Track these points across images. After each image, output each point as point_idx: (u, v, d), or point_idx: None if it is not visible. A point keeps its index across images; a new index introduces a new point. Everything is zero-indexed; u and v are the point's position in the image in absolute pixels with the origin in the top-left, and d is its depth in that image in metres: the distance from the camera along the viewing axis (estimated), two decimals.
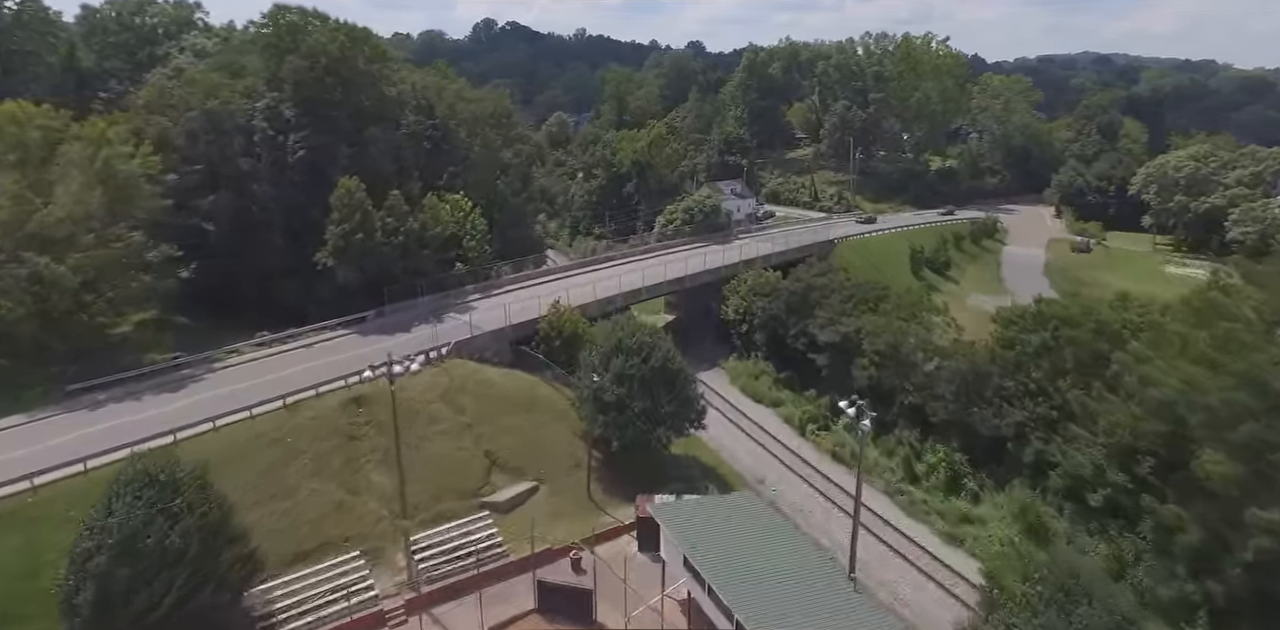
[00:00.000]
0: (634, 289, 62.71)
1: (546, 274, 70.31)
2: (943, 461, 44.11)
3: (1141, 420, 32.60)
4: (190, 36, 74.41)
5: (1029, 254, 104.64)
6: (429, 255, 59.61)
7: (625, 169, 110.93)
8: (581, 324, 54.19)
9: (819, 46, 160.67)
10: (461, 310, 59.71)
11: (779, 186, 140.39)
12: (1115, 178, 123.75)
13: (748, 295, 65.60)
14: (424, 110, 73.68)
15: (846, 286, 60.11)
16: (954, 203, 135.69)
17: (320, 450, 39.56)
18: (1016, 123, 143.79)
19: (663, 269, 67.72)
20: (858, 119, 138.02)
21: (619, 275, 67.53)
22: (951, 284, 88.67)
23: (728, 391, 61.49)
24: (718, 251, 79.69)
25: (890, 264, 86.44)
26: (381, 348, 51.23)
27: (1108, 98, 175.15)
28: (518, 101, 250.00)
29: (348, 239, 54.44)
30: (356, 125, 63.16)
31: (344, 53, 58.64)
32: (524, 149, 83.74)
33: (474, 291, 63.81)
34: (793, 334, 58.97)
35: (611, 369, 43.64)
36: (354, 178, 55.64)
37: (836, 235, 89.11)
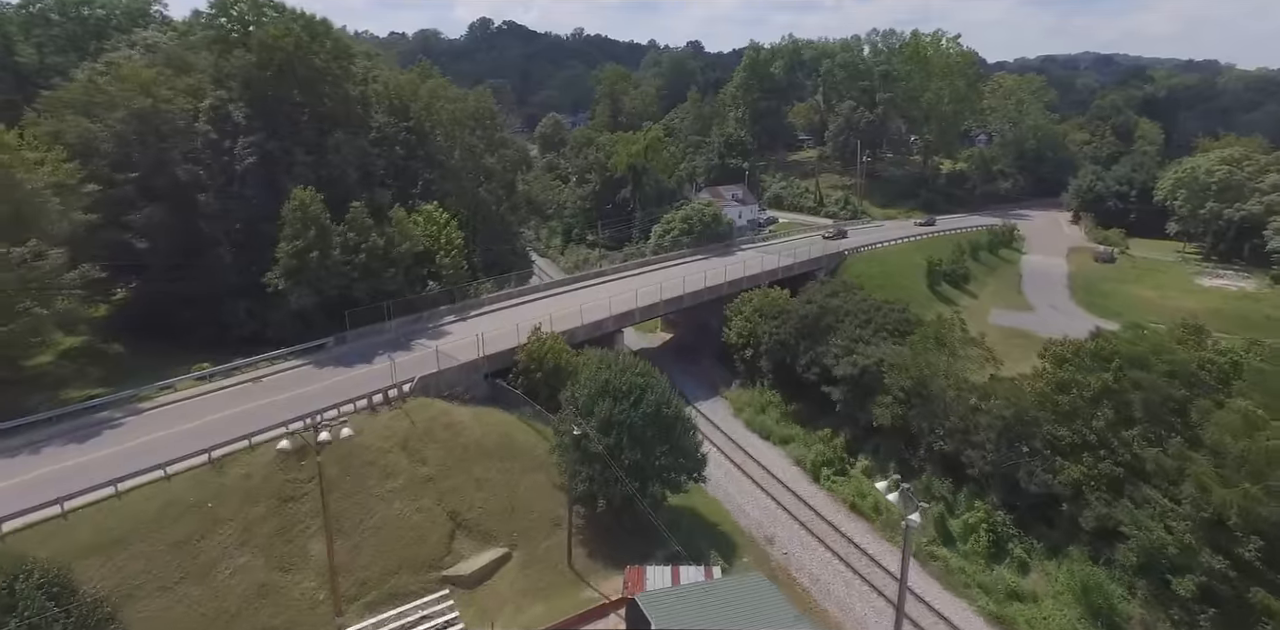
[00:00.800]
0: (626, 311, 56.41)
1: (532, 291, 64.00)
2: (983, 521, 37.79)
3: (1248, 494, 26.29)
4: (146, 30, 67.97)
5: (1049, 264, 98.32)
6: (396, 274, 53.31)
7: (620, 173, 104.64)
8: (565, 354, 47.92)
9: (823, 44, 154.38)
10: (434, 335, 53.49)
11: (782, 191, 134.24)
12: (1136, 182, 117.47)
13: (753, 316, 59.30)
14: (397, 111, 67.42)
15: (864, 308, 53.81)
16: (966, 208, 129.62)
17: (249, 517, 33.25)
18: (1030, 124, 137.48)
19: (659, 286, 61.43)
20: (864, 120, 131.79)
21: (610, 293, 61.25)
22: (969, 298, 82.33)
23: (730, 426, 55.18)
24: (719, 265, 73.35)
25: (905, 276, 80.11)
26: (338, 382, 45.21)
27: (1122, 98, 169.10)
28: (511, 102, 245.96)
29: (301, 258, 48.13)
30: (318, 129, 56.89)
31: (300, 47, 52.28)
32: (509, 154, 77.38)
33: (449, 313, 57.54)
34: (803, 363, 52.66)
35: (597, 414, 37.39)
36: (309, 188, 49.33)
37: (846, 246, 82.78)
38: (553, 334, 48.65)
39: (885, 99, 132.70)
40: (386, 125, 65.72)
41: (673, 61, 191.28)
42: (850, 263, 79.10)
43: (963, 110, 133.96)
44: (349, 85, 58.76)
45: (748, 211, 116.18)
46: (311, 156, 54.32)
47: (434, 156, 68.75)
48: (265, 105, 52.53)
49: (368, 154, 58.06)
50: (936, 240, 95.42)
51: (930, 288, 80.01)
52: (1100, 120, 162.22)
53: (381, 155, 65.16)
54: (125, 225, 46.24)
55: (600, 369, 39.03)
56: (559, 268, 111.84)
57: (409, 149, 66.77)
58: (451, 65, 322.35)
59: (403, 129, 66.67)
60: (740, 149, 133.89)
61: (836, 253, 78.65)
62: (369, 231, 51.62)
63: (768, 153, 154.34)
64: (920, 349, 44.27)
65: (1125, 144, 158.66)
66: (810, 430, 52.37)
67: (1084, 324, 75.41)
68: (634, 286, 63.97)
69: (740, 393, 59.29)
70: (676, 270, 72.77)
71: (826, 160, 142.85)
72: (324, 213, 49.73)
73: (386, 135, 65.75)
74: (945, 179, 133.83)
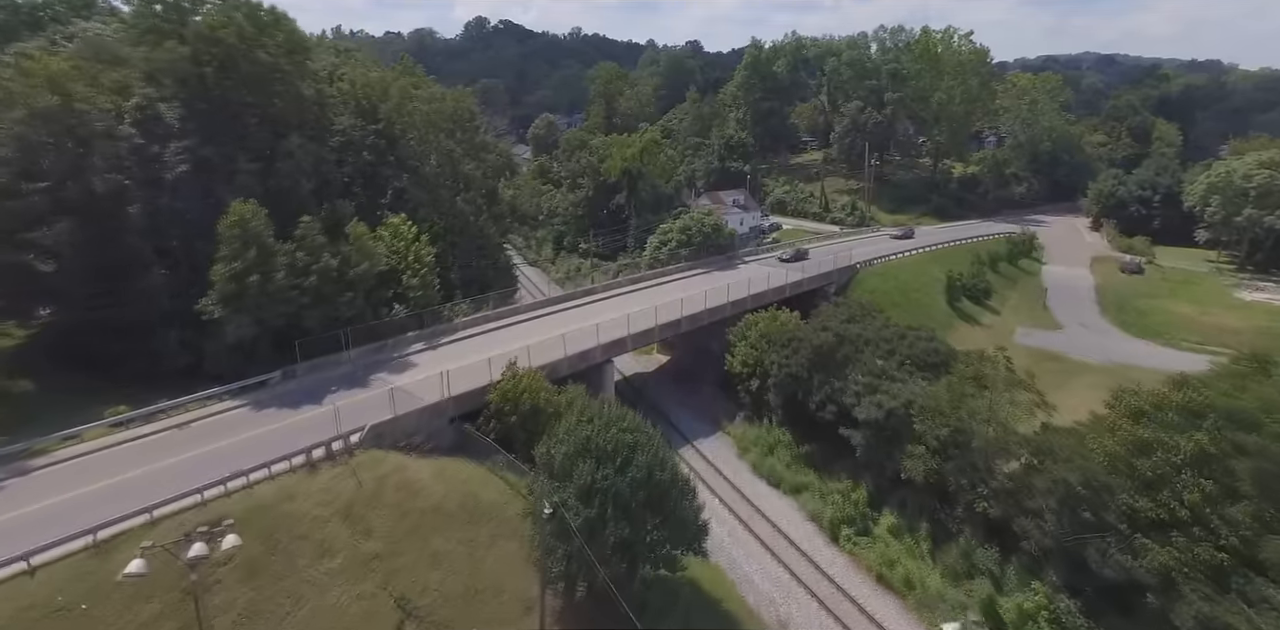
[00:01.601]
0: (616, 339, 49.86)
1: (513, 313, 57.46)
2: (1043, 608, 31.28)
3: None
4: (89, 21, 61.37)
5: (1073, 276, 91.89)
6: (354, 298, 46.77)
7: (614, 178, 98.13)
8: (545, 393, 41.36)
9: (828, 42, 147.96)
10: (397, 367, 46.95)
11: (785, 195, 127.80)
12: (1160, 186, 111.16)
13: (759, 342, 52.81)
14: (365, 113, 60.92)
15: (886, 337, 47.31)
16: (978, 214, 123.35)
17: (136, 621, 26.63)
18: (1045, 126, 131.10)
19: (653, 308, 54.93)
20: (871, 121, 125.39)
21: (600, 315, 54.86)
22: (991, 314, 75.94)
23: (734, 470, 48.64)
24: (720, 281, 66.86)
25: (922, 292, 73.72)
26: (279, 429, 38.58)
27: (1138, 98, 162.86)
28: (505, 102, 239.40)
29: (239, 282, 41.56)
30: (271, 132, 50.41)
31: (244, 39, 45.74)
32: (491, 159, 70.85)
33: (417, 340, 50.99)
34: (818, 400, 46.18)
35: (576, 479, 30.88)
36: (250, 201, 42.77)
37: (859, 257, 76.29)
38: (530, 371, 42.09)
39: (894, 99, 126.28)
40: (352, 128, 59.26)
41: (671, 60, 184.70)
42: (862, 277, 72.62)
43: (975, 110, 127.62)
44: (305, 83, 52.19)
45: (750, 218, 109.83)
46: (258, 164, 47.79)
47: (406, 162, 62.27)
48: (203, 105, 46.04)
49: (325, 161, 51.52)
50: (953, 251, 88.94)
51: (950, 304, 73.65)
52: (1116, 121, 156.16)
53: (348, 161, 58.80)
54: (27, 244, 39.57)
55: (580, 423, 32.50)
56: (549, 278, 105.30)
57: (378, 154, 60.30)
58: (446, 65, 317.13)
59: (370, 132, 60.21)
60: (741, 151, 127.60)
61: (848, 266, 72.14)
62: (322, 250, 45.08)
63: (770, 155, 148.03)
64: (958, 390, 37.71)
65: (1142, 146, 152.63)
66: (826, 477, 45.85)
67: (1121, 345, 69.04)
68: (626, 307, 57.51)
69: (745, 429, 52.76)
70: (674, 286, 66.33)
71: (832, 163, 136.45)
72: (268, 229, 43.19)
73: (352, 140, 59.32)
74: (957, 183, 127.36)
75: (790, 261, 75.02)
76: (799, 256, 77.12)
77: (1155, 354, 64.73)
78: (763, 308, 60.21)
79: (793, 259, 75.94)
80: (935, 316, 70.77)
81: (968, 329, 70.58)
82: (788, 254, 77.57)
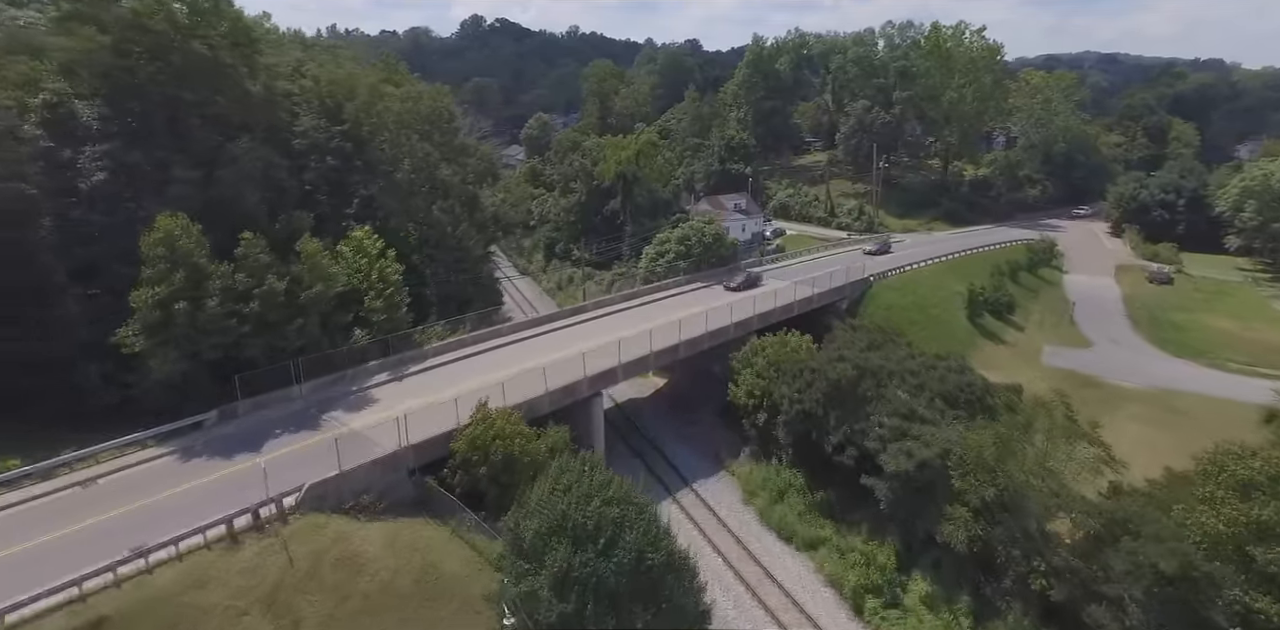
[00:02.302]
0: (606, 370, 43.96)
1: (493, 336, 51.53)
2: None
3: None
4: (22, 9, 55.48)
5: (1097, 286, 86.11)
6: (306, 325, 40.85)
7: (608, 182, 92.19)
8: (521, 438, 35.52)
9: (832, 39, 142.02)
10: (356, 403, 41.09)
11: (789, 199, 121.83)
12: (1185, 189, 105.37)
13: (766, 371, 46.96)
14: (329, 113, 55.05)
15: (913, 368, 41.48)
16: (991, 218, 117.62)
17: None
18: (1060, 125, 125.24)
19: (648, 330, 49.06)
20: (879, 121, 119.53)
21: (589, 340, 49.08)
22: (1015, 331, 70.10)
23: (740, 520, 42.76)
24: (722, 298, 61.12)
25: (941, 307, 67.87)
26: (206, 485, 32.68)
27: (1153, 96, 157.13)
28: (499, 102, 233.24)
29: (165, 309, 35.67)
30: (219, 134, 44.57)
31: (178, 28, 39.85)
32: (472, 163, 64.92)
33: (381, 370, 45.11)
34: (835, 441, 40.32)
35: (550, 564, 25.05)
36: (179, 215, 36.89)
37: (872, 269, 70.40)
38: (504, 413, 36.24)
39: (903, 98, 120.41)
40: (315, 130, 53.42)
41: (669, 58, 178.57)
42: (876, 291, 66.74)
43: (987, 110, 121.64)
44: (256, 79, 46.29)
45: (752, 224, 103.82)
46: (198, 171, 41.87)
47: (376, 167, 56.40)
48: (133, 104, 40.15)
49: (278, 166, 45.60)
50: (969, 260, 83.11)
51: (971, 320, 67.80)
52: (1130, 121, 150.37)
53: (311, 166, 53.02)
54: None
55: (556, 492, 26.61)
56: (540, 288, 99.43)
57: (343, 158, 54.44)
58: (441, 63, 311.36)
59: (335, 134, 54.34)
60: (743, 153, 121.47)
61: (860, 279, 66.24)
62: (266, 271, 39.15)
63: (772, 156, 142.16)
64: (1005, 439, 31.82)
65: (1158, 147, 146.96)
66: (845, 529, 40.01)
67: (1160, 366, 63.12)
68: (618, 329, 51.70)
69: (751, 468, 46.88)
70: (672, 303, 60.49)
71: (837, 165, 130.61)
72: (201, 248, 37.30)
73: (316, 143, 53.50)
74: (969, 186, 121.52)
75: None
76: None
77: (1200, 377, 58.92)
78: (769, 329, 54.49)
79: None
80: (956, 334, 65.02)
81: (991, 348, 64.78)
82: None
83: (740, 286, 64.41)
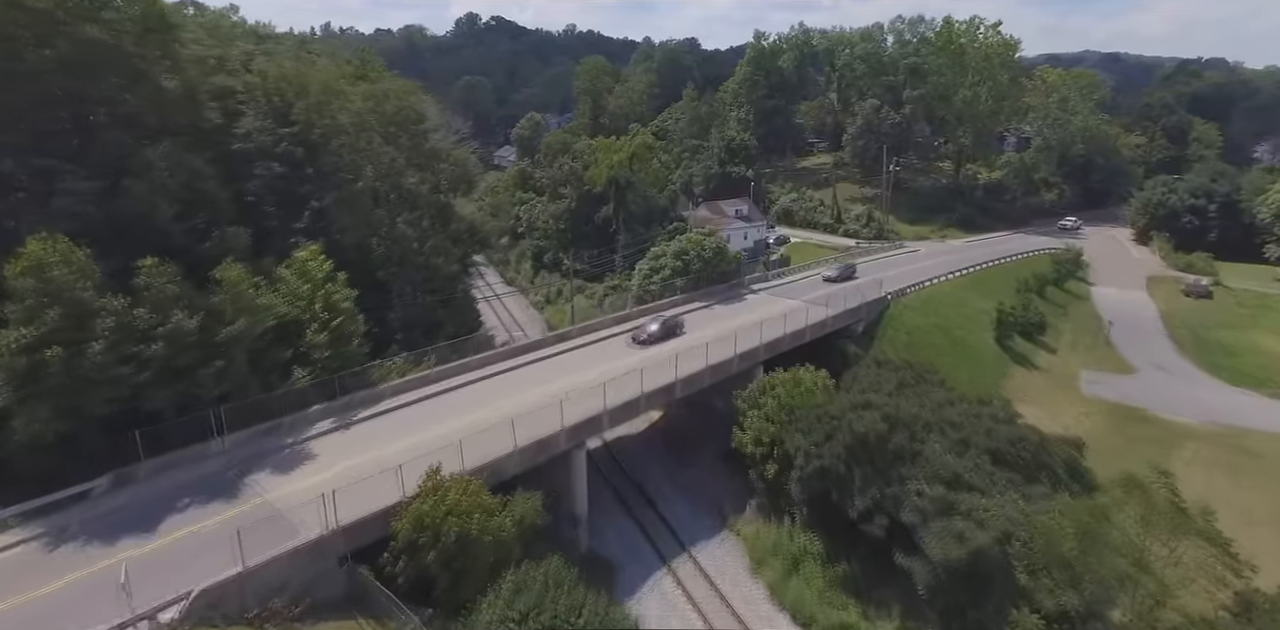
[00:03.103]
0: (589, 418, 37.12)
1: (461, 371, 44.66)
2: None
3: None
4: None
5: (1129, 300, 79.53)
6: (228, 368, 34.02)
7: (600, 187, 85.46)
8: (481, 514, 28.78)
9: (838, 34, 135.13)
10: (288, 462, 34.26)
11: (793, 204, 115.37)
12: (1217, 194, 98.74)
13: (776, 414, 40.23)
14: (276, 113, 48.24)
15: (955, 419, 34.74)
16: (1006, 224, 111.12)
17: None
18: (1079, 126, 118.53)
19: (639, 366, 42.36)
20: (889, 121, 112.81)
21: (571, 376, 42.41)
22: (1047, 353, 63.44)
23: (746, 595, 36.03)
24: (724, 321, 54.46)
25: (965, 328, 61.21)
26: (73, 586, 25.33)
27: (1173, 95, 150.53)
28: (490, 101, 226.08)
29: (35, 355, 28.88)
30: (132, 137, 37.78)
31: (67, 8, 33.06)
32: (445, 169, 58.14)
33: (325, 416, 38.27)
34: (862, 507, 33.59)
35: None
36: (59, 238, 30.11)
37: (889, 283, 63.63)
38: (459, 481, 29.51)
39: (914, 96, 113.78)
40: (260, 132, 46.61)
41: (666, 55, 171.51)
42: (895, 312, 59.96)
43: (1002, 110, 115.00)
44: (177, 73, 39.46)
45: (754, 231, 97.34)
46: (100, 182, 35.08)
47: (331, 175, 49.57)
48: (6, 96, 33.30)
49: (204, 176, 38.77)
50: (991, 274, 76.58)
51: (999, 342, 61.13)
52: (1149, 121, 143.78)
53: (256, 175, 46.24)
54: None
55: (508, 620, 19.83)
56: (527, 301, 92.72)
57: (292, 165, 47.63)
58: (434, 62, 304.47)
59: (283, 138, 47.53)
60: (744, 155, 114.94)
61: (877, 299, 59.45)
62: (174, 304, 32.34)
63: (774, 158, 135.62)
64: (1089, 529, 25.12)
65: (1178, 148, 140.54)
66: (874, 611, 33.33)
67: (1216, 396, 56.09)
68: (605, 360, 45.06)
69: (759, 528, 40.17)
70: None
71: (843, 167, 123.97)
72: (88, 278, 30.50)
73: (261, 147, 46.69)
74: (983, 190, 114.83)
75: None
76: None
77: (1267, 409, 52.30)
78: (778, 359, 47.88)
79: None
80: (984, 359, 58.41)
81: (1024, 375, 58.13)
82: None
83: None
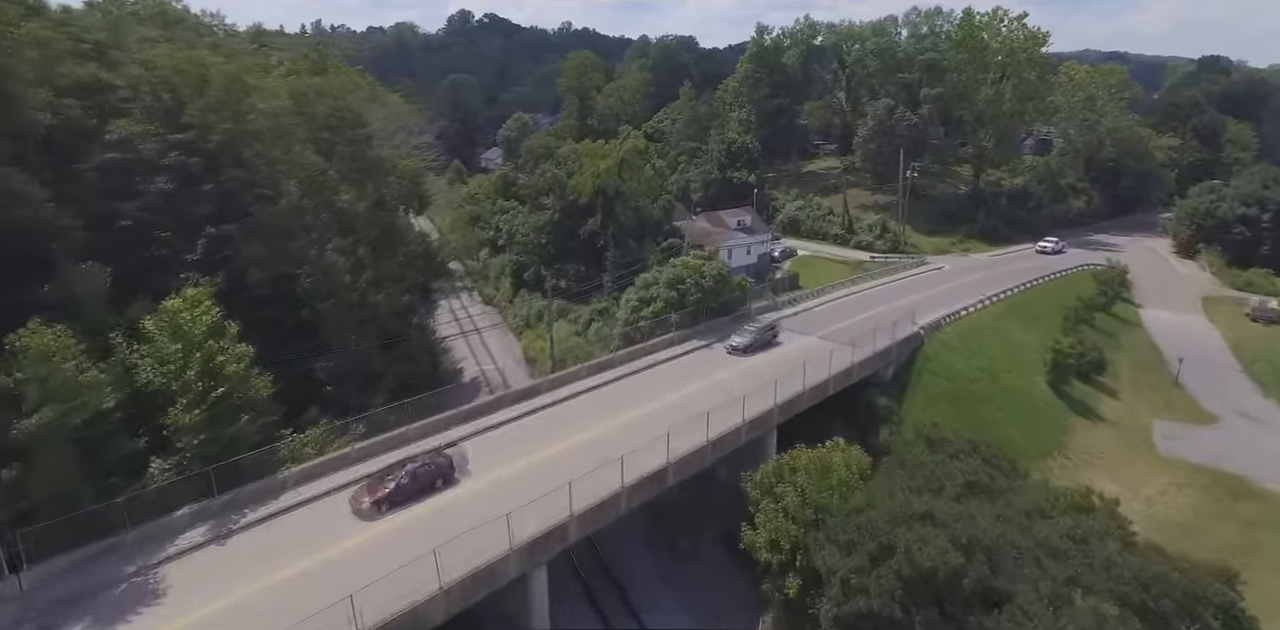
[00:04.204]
0: (550, 529, 27.34)
1: (394, 446, 34.92)
2: None
3: None
4: None
5: (1184, 325, 70.01)
6: (32, 476, 24.37)
7: (586, 198, 75.77)
8: None
9: (847, 28, 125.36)
10: (120, 606, 24.58)
11: (799, 212, 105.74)
12: (1271, 202, 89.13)
13: (800, 513, 30.60)
14: (165, 116, 38.58)
15: (1058, 545, 25.06)
16: (1031, 235, 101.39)
17: None
18: (1108, 127, 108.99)
19: (620, 442, 32.74)
20: (904, 123, 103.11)
21: (530, 454, 32.81)
22: (1108, 398, 53.89)
23: None
24: (726, 368, 44.82)
25: (1013, 370, 51.67)
26: None
27: (1202, 93, 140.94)
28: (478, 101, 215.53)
29: None
30: None
31: None
32: (392, 183, 48.41)
33: (197, 522, 28.59)
34: None
35: None
36: None
37: (922, 314, 53.95)
38: None
39: (931, 96, 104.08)
40: (141, 138, 36.98)
41: (662, 52, 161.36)
42: (931, 352, 50.32)
43: (1028, 110, 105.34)
44: None
45: (758, 244, 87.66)
46: None
47: (237, 193, 39.88)
48: None
49: (26, 200, 29.10)
50: (1030, 298, 67.07)
51: (1053, 386, 51.58)
52: (1177, 121, 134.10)
53: (139, 191, 36.67)
54: None
55: None
56: (505, 323, 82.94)
57: (185, 181, 37.96)
58: (423, 60, 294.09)
59: (173, 145, 37.89)
60: (745, 159, 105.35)
61: (910, 336, 49.78)
62: None
63: (777, 161, 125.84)
64: None
65: (1210, 150, 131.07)
66: None
67: None
68: (578, 428, 35.44)
69: None
70: (658, 375, 43.92)
71: (854, 172, 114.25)
72: None
73: (143, 158, 37.07)
74: (1007, 198, 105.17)
75: None
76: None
77: None
78: (795, 420, 38.40)
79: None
80: (1040, 409, 48.91)
81: (1086, 429, 48.61)
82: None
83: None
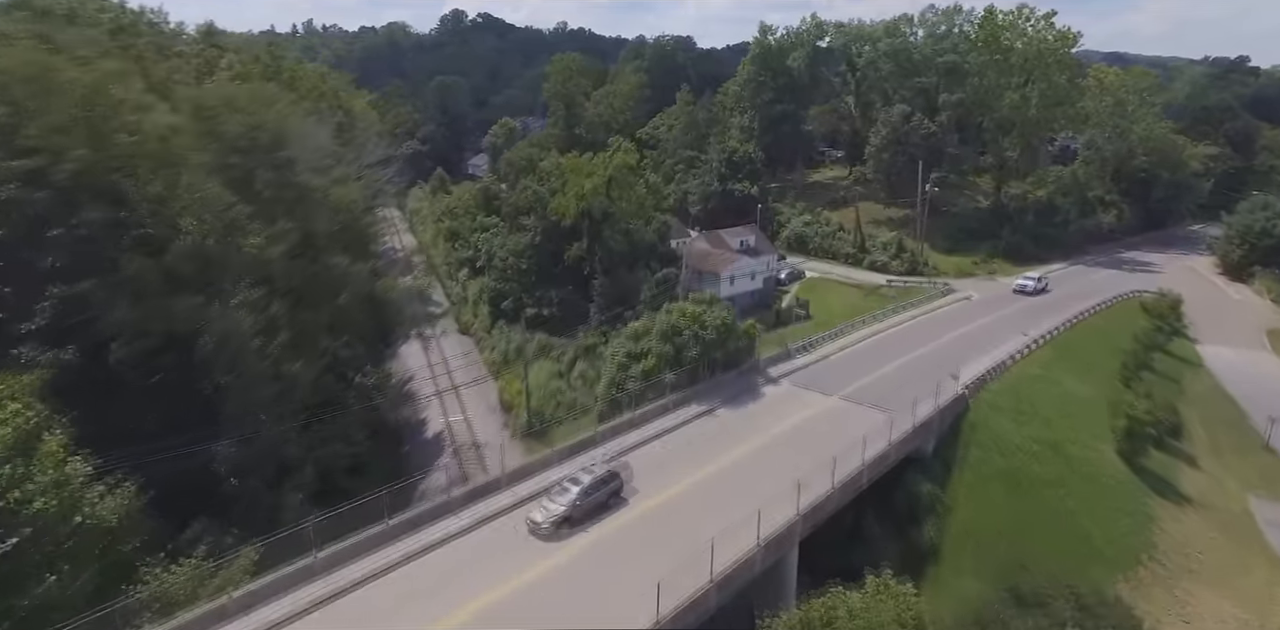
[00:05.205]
0: None
1: (303, 579, 25.97)
2: None
3: None
4: None
5: (1251, 365, 61.26)
6: None
7: (570, 220, 66.95)
8: None
9: (856, 27, 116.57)
10: None
11: (806, 228, 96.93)
12: None
13: None
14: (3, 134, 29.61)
15: None
16: (1060, 253, 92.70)
17: None
18: (1140, 134, 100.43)
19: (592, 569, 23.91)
20: (922, 131, 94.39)
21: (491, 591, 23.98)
22: (1189, 468, 45.11)
23: None
24: (734, 447, 35.92)
25: (1078, 443, 42.75)
26: None
27: (1233, 96, 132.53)
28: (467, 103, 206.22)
29: None
30: None
31: None
32: (321, 222, 39.41)
33: None
34: None
35: None
36: None
37: (960, 362, 45.13)
38: None
39: (952, 101, 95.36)
40: None
41: (658, 53, 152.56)
42: (978, 418, 41.49)
43: (1055, 117, 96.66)
44: None
45: (762, 267, 78.83)
46: None
47: (97, 242, 30.92)
48: None
49: None
50: (1077, 336, 58.39)
51: (1124, 457, 42.71)
52: (1208, 126, 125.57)
53: None
54: None
55: None
56: (480, 359, 73.92)
57: (28, 225, 29.06)
58: (413, 61, 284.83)
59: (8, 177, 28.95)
60: (748, 170, 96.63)
61: (955, 399, 41.00)
62: None
63: (781, 170, 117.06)
64: None
65: (1242, 157, 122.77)
66: None
67: None
68: (539, 558, 26.50)
69: None
70: (649, 458, 34.95)
71: (864, 184, 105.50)
72: None
73: None
74: (1033, 213, 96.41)
75: None
76: None
77: None
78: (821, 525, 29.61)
79: None
80: (1114, 491, 40.05)
81: (1173, 515, 39.78)
82: None
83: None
